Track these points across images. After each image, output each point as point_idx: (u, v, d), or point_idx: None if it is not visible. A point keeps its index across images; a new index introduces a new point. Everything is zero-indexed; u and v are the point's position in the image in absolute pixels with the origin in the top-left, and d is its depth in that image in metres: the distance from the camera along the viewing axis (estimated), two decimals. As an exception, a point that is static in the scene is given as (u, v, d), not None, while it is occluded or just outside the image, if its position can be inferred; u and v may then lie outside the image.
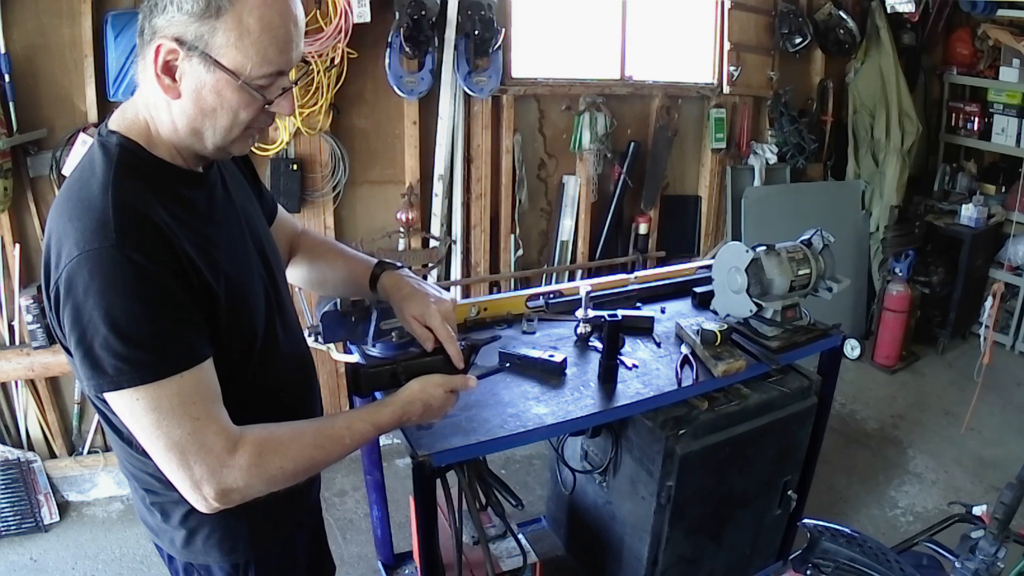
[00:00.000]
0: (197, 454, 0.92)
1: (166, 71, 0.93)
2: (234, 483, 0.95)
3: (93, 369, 0.89)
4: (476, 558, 1.88)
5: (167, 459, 0.92)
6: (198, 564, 1.16)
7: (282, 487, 1.01)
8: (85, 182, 0.93)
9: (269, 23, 0.92)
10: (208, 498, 0.94)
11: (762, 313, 1.95)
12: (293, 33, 0.96)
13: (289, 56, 0.97)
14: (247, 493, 0.97)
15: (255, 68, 0.93)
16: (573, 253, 3.60)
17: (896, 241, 4.06)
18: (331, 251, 1.43)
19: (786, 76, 3.97)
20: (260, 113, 0.99)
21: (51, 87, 2.48)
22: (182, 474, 0.93)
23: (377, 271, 1.34)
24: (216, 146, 0.99)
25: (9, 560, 2.53)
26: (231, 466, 0.94)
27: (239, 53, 0.92)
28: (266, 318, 1.11)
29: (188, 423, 0.91)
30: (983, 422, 3.48)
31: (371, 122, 3.04)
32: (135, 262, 0.87)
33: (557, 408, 1.63)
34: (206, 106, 0.95)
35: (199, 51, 0.91)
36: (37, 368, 2.59)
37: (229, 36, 0.91)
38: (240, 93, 0.95)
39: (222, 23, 0.90)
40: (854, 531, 1.52)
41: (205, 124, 0.96)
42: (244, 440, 0.96)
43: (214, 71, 0.92)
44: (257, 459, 0.96)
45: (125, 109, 1.01)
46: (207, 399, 0.94)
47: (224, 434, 0.94)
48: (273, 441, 0.99)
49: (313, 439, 1.04)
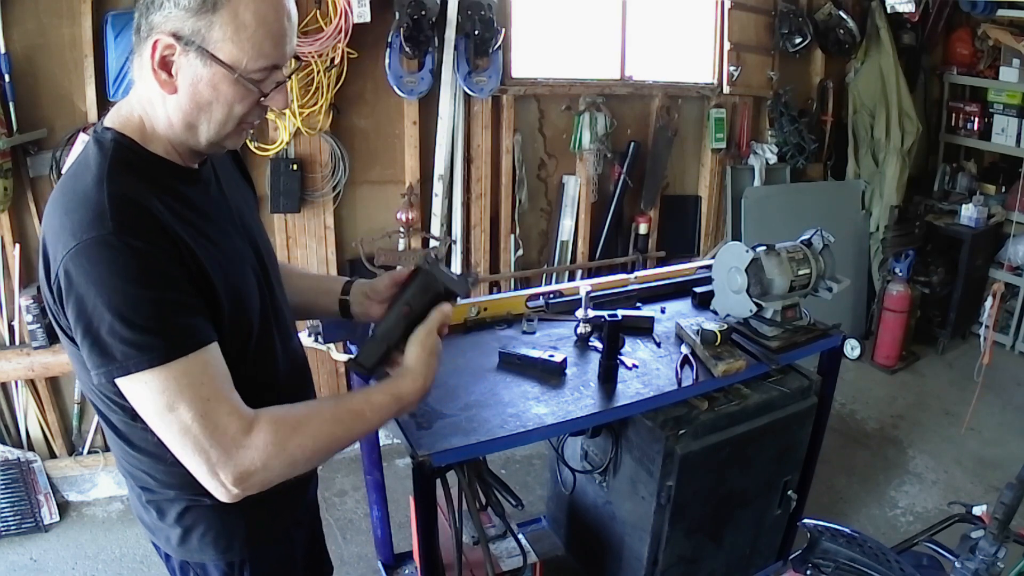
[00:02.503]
0: (211, 436, 0.91)
1: (163, 66, 0.94)
2: (252, 464, 0.93)
3: (102, 356, 0.89)
4: (476, 558, 1.88)
5: (182, 444, 0.91)
6: (194, 562, 1.16)
7: (303, 469, 1.01)
8: (80, 177, 0.94)
9: (264, 17, 0.94)
10: (227, 483, 0.93)
11: (762, 313, 1.95)
12: (287, 27, 0.98)
13: (283, 50, 0.98)
14: (267, 476, 0.96)
15: (251, 62, 0.95)
16: (573, 253, 3.60)
17: (896, 241, 4.06)
18: (292, 274, 1.41)
19: (786, 76, 3.97)
20: (254, 107, 1.00)
21: (51, 87, 2.48)
22: (198, 459, 0.92)
23: (344, 295, 1.34)
24: (210, 140, 1.00)
25: (9, 560, 2.53)
26: (247, 447, 0.93)
27: (235, 47, 0.93)
28: (261, 315, 1.11)
29: (199, 404, 0.90)
30: (983, 422, 3.48)
31: (371, 122, 3.04)
32: (134, 247, 0.87)
33: (557, 408, 1.63)
34: (202, 100, 0.96)
35: (196, 46, 0.92)
36: (37, 368, 2.59)
37: (226, 30, 0.92)
38: (236, 87, 0.96)
39: (219, 18, 0.91)
40: (854, 531, 1.52)
41: (200, 118, 0.97)
42: (260, 419, 0.95)
43: (211, 65, 0.93)
44: (275, 437, 0.95)
45: (120, 107, 1.02)
46: (217, 380, 0.93)
47: (237, 414, 0.93)
48: (291, 419, 0.98)
49: (332, 414, 1.04)
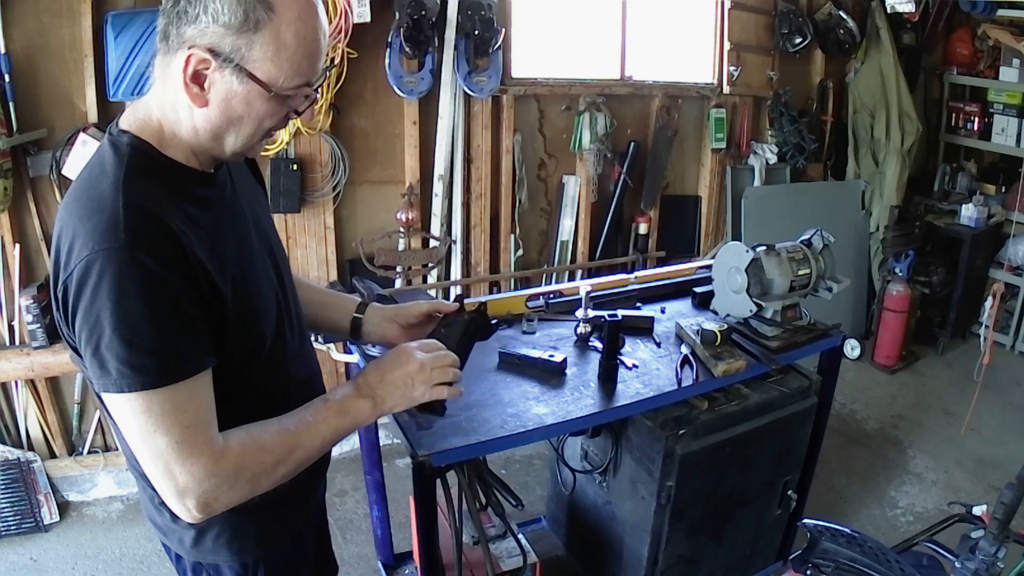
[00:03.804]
0: (182, 464, 0.91)
1: (195, 80, 0.93)
2: (217, 492, 0.94)
3: (100, 368, 0.89)
4: (476, 558, 1.88)
5: (153, 465, 0.92)
6: (207, 564, 1.16)
7: (266, 488, 1.00)
8: (95, 181, 0.93)
9: (304, 37, 0.94)
10: (192, 509, 0.94)
11: (762, 313, 1.95)
12: (322, 45, 0.98)
13: (317, 67, 0.99)
14: (231, 499, 0.97)
15: (287, 80, 0.95)
16: (573, 253, 3.60)
17: (896, 241, 4.05)
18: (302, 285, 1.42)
19: (786, 76, 3.97)
20: (282, 120, 1.01)
21: (51, 87, 2.48)
22: (167, 483, 0.92)
23: (358, 314, 1.36)
24: (235, 151, 1.00)
25: (9, 560, 2.53)
26: (215, 475, 0.93)
27: (274, 67, 0.93)
28: (276, 320, 1.10)
29: (177, 431, 0.91)
30: (983, 422, 3.48)
31: (371, 122, 3.04)
32: (144, 266, 0.87)
33: (557, 408, 1.63)
34: (233, 115, 0.96)
35: (234, 64, 0.92)
36: (37, 368, 2.59)
37: (267, 50, 0.92)
38: (269, 104, 0.96)
39: (260, 37, 0.91)
40: (854, 531, 1.52)
41: (229, 131, 0.97)
42: (229, 448, 0.95)
43: (247, 83, 0.93)
44: (241, 463, 0.95)
45: (137, 108, 1.00)
46: (200, 409, 0.94)
47: (211, 444, 0.94)
48: (256, 443, 0.98)
49: (289, 427, 1.03)
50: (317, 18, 0.96)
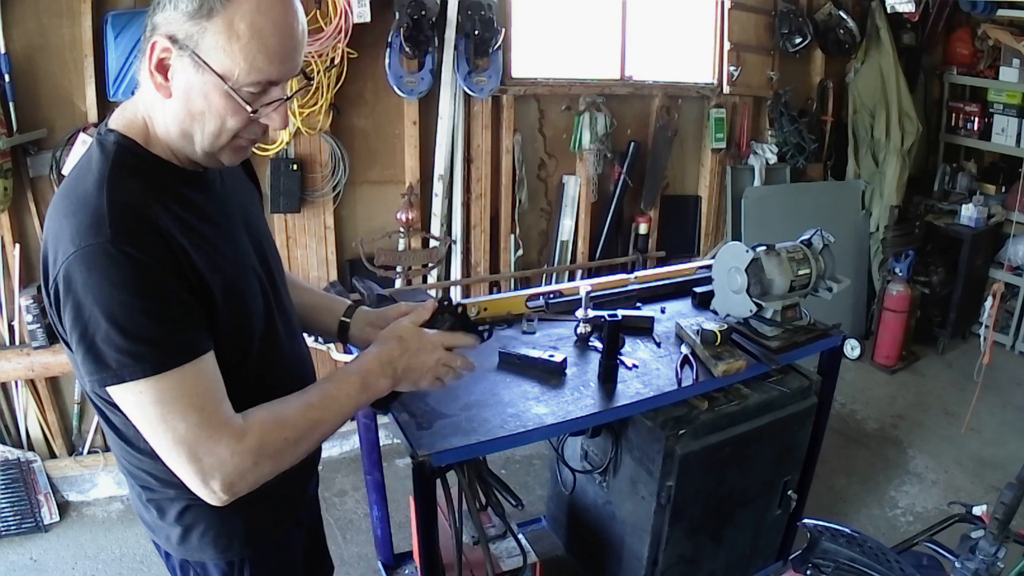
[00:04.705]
0: (205, 445, 0.92)
1: (159, 68, 0.93)
2: (243, 470, 0.95)
3: (96, 364, 0.89)
4: (476, 558, 1.88)
5: (176, 453, 0.92)
6: (194, 561, 1.16)
7: (289, 463, 1.01)
8: (81, 179, 0.94)
9: (260, 30, 0.91)
10: (218, 491, 0.94)
11: (762, 313, 1.95)
12: (288, 44, 0.95)
13: (281, 67, 0.95)
14: (257, 477, 0.97)
15: (243, 75, 0.92)
16: (573, 253, 3.60)
17: (896, 241, 4.06)
18: (295, 286, 1.42)
19: (786, 76, 3.97)
20: (249, 123, 0.98)
21: (51, 87, 2.48)
22: (191, 467, 0.93)
23: (345, 317, 1.37)
24: (204, 151, 0.98)
25: (9, 560, 2.53)
26: (239, 454, 0.94)
27: (227, 57, 0.91)
28: (265, 319, 1.10)
29: (194, 414, 0.91)
30: (983, 422, 3.48)
31: (371, 122, 3.04)
32: (131, 256, 0.87)
33: (557, 408, 1.63)
34: (194, 108, 0.94)
35: (189, 51, 0.91)
36: (37, 368, 2.59)
37: (218, 39, 0.90)
38: (227, 99, 0.94)
39: (212, 24, 0.90)
40: (854, 531, 1.52)
41: (194, 127, 0.96)
42: (250, 425, 0.96)
43: (203, 73, 0.92)
44: (264, 439, 0.96)
45: (125, 107, 1.01)
46: (211, 390, 0.94)
47: (230, 423, 0.94)
48: (276, 418, 1.00)
49: (308, 401, 1.04)
50: (281, 14, 0.93)
